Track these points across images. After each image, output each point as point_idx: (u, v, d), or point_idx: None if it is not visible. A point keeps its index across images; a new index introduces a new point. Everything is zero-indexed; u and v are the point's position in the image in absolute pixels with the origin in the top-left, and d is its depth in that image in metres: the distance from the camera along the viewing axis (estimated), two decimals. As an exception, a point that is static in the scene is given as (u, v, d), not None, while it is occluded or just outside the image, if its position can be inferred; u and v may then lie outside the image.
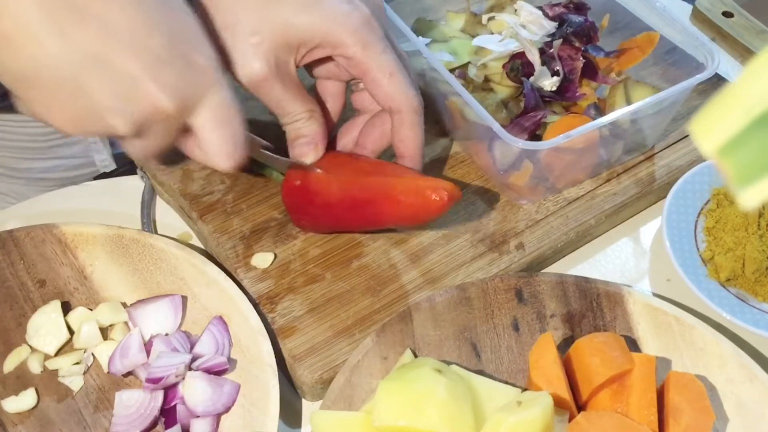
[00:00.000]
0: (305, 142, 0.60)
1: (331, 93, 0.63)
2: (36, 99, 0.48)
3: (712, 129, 0.23)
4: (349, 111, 0.64)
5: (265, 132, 0.64)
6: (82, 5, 0.45)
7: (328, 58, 0.59)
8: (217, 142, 0.52)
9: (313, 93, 0.63)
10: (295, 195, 0.62)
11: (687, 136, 0.73)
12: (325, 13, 0.55)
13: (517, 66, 0.67)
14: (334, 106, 0.64)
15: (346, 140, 0.64)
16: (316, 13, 0.55)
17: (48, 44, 0.45)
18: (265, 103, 0.59)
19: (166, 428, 0.55)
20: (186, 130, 0.52)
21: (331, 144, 0.63)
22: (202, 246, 0.68)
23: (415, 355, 0.57)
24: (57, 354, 0.59)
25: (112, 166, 0.88)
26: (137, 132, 0.49)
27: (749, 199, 0.23)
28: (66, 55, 0.46)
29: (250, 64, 0.55)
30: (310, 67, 0.61)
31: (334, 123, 0.65)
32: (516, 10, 0.72)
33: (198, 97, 0.50)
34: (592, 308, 0.60)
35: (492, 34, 0.73)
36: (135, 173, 0.72)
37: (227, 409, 0.56)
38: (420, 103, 0.59)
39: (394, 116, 0.59)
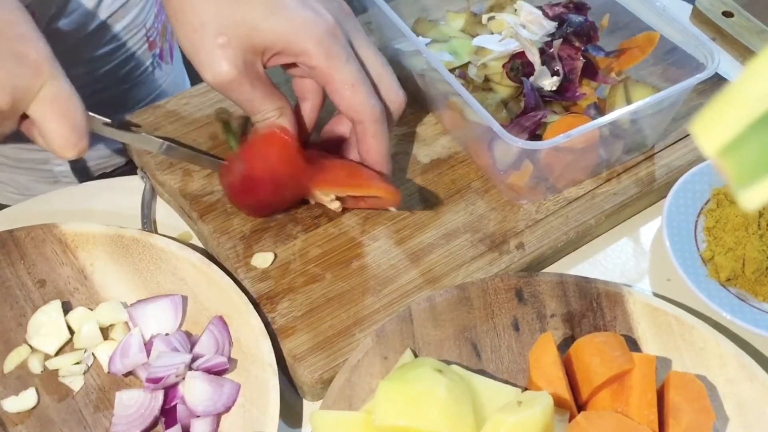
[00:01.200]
0: None
1: (309, 89, 0.63)
2: None
3: (713, 129, 0.23)
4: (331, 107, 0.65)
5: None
6: None
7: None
8: (57, 132, 0.54)
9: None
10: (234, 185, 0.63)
11: (687, 136, 0.73)
12: (290, 19, 0.56)
13: (517, 66, 0.67)
14: (312, 103, 0.64)
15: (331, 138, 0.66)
16: (282, 20, 0.56)
17: None
18: (234, 102, 0.60)
19: (167, 428, 0.55)
20: (27, 119, 0.55)
21: (313, 144, 0.65)
22: (202, 246, 0.68)
23: (416, 355, 0.57)
24: (57, 354, 0.59)
25: (72, 178, 0.88)
26: None
27: (750, 199, 0.23)
28: None
29: (218, 66, 0.56)
30: (282, 66, 0.61)
31: (314, 119, 0.65)
32: (516, 10, 0.72)
33: (31, 91, 0.53)
34: (593, 308, 0.60)
35: (492, 34, 0.73)
36: (135, 173, 0.72)
37: (227, 409, 0.56)
38: (381, 112, 0.60)
39: (356, 126, 0.60)
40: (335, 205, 0.63)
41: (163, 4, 0.58)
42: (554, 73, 0.67)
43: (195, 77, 0.61)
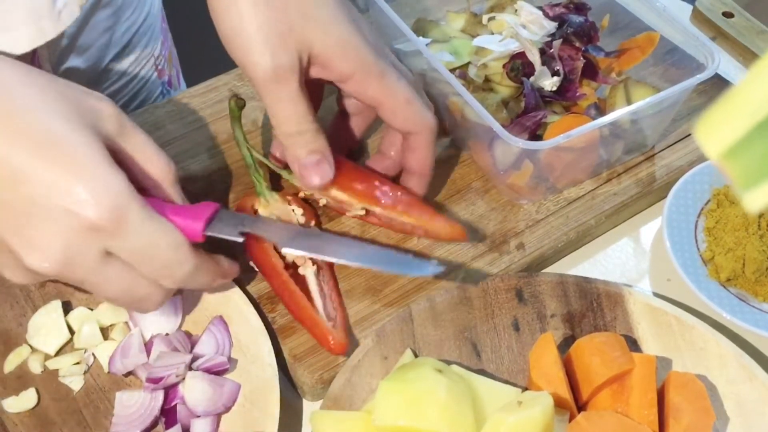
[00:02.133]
0: (315, 161, 0.57)
1: (356, 106, 0.63)
2: None
3: (716, 132, 0.23)
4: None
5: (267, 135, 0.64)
6: None
7: None
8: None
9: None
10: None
11: (687, 136, 0.73)
12: (342, 40, 0.55)
13: (518, 66, 0.67)
14: (364, 118, 0.64)
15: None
16: (333, 37, 0.54)
17: None
18: (271, 105, 0.55)
19: (167, 428, 0.55)
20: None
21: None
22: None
23: (416, 355, 0.57)
24: (57, 354, 0.59)
25: None
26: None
27: (753, 201, 0.23)
28: None
29: (277, 56, 0.53)
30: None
31: (364, 129, 0.65)
32: (516, 10, 0.72)
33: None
34: (593, 308, 0.60)
35: (492, 34, 0.73)
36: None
37: (227, 409, 0.56)
38: (435, 121, 0.60)
39: (411, 137, 0.60)
40: (360, 213, 0.63)
41: (209, 5, 0.54)
42: (554, 74, 0.67)
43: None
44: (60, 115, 0.45)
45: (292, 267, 0.60)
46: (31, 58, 0.65)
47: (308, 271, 0.60)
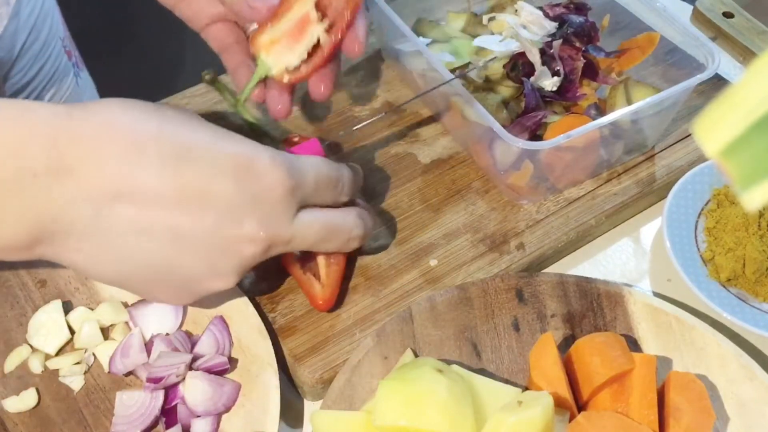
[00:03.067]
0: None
1: None
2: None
3: (715, 130, 0.23)
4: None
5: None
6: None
7: None
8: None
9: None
10: None
11: (687, 136, 0.73)
12: None
13: (518, 66, 0.67)
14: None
15: None
16: None
17: None
18: None
19: (167, 428, 0.55)
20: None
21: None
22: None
23: (416, 355, 0.57)
24: (58, 354, 0.59)
25: None
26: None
27: (753, 200, 0.23)
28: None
29: None
30: None
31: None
32: (516, 11, 0.72)
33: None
34: (593, 308, 0.60)
35: (493, 34, 0.73)
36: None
37: (228, 409, 0.56)
38: None
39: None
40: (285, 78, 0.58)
41: None
42: (555, 74, 0.67)
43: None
44: (207, 126, 0.49)
45: None
46: None
47: None
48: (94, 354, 0.59)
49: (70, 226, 0.44)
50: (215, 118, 0.72)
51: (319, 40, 0.56)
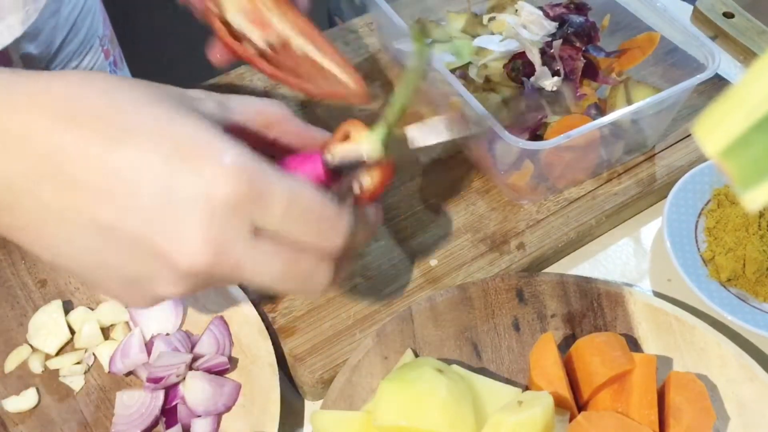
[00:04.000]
0: None
1: None
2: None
3: (716, 131, 0.23)
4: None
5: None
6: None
7: None
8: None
9: None
10: None
11: (687, 136, 0.73)
12: None
13: (518, 66, 0.67)
14: None
15: None
16: None
17: None
18: None
19: (167, 428, 0.55)
20: None
21: None
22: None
23: (416, 355, 0.57)
24: (58, 354, 0.59)
25: None
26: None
27: (753, 200, 0.23)
28: None
29: None
30: None
31: None
32: (516, 11, 0.72)
33: None
34: (593, 308, 0.60)
35: (493, 34, 0.73)
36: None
37: (228, 409, 0.56)
38: None
39: None
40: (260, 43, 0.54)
41: None
42: (555, 74, 0.67)
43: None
44: (166, 107, 0.42)
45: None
46: None
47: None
48: (94, 354, 0.59)
49: (12, 200, 0.40)
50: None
51: None
